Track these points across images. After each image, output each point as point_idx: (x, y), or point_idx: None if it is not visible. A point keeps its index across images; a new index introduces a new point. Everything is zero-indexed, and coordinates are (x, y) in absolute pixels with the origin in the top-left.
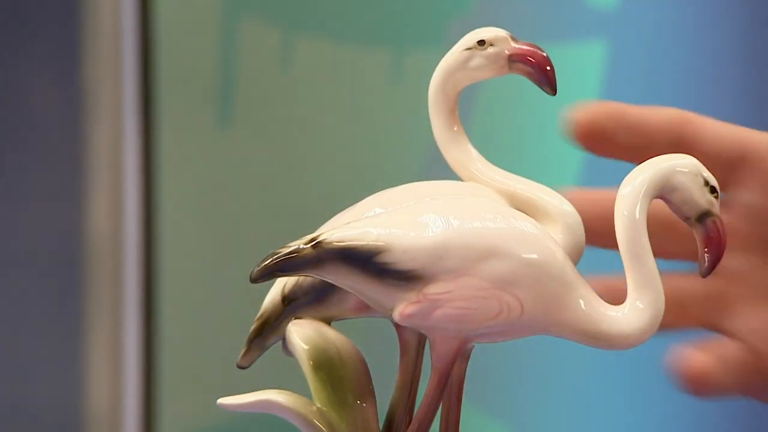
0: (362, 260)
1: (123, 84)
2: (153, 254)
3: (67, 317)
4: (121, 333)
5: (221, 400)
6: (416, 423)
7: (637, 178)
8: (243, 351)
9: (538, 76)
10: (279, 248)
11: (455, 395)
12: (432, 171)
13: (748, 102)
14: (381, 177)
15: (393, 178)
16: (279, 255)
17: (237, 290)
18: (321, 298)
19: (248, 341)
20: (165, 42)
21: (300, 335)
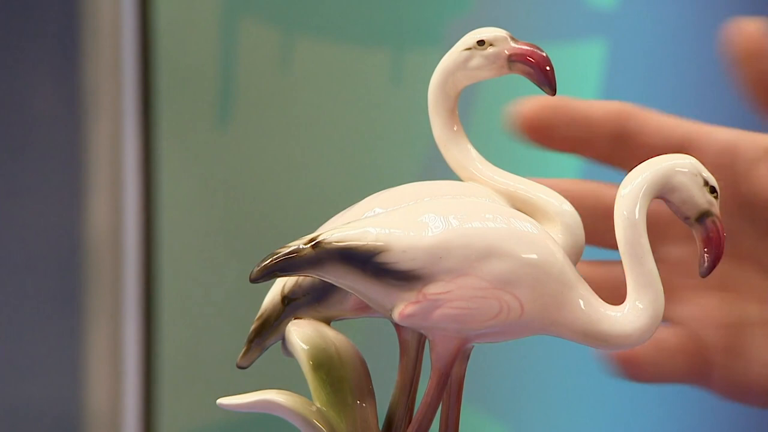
0: (362, 260)
1: (123, 84)
2: (153, 254)
3: (67, 317)
4: (121, 333)
5: (221, 400)
6: (416, 423)
7: (637, 179)
8: (243, 351)
9: (538, 76)
10: (279, 248)
11: (455, 395)
12: (432, 171)
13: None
14: (381, 177)
15: (393, 178)
16: (279, 255)
17: (237, 290)
18: (321, 298)
19: (248, 341)
20: (165, 42)
21: (299, 335)
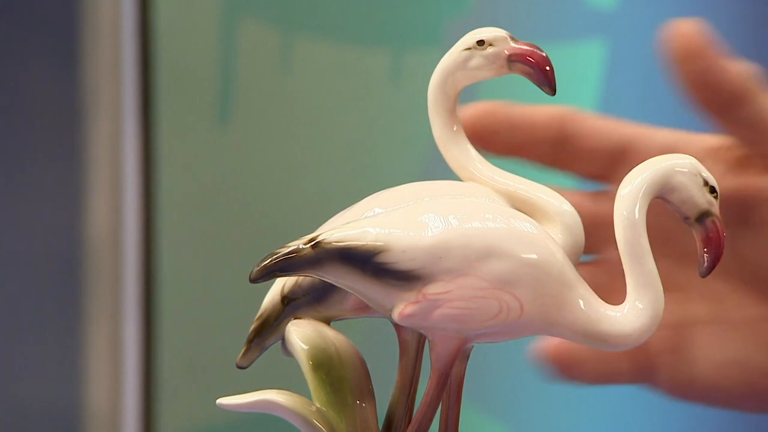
0: (361, 260)
1: (122, 83)
2: (152, 254)
3: (67, 317)
4: (121, 333)
5: (221, 400)
6: (415, 423)
7: (636, 179)
8: (242, 351)
9: (538, 76)
10: (278, 248)
11: (455, 395)
12: (431, 171)
13: None
14: (380, 177)
15: (392, 178)
16: (278, 255)
17: (236, 290)
18: (320, 298)
19: (247, 341)
20: (165, 41)
21: (299, 335)
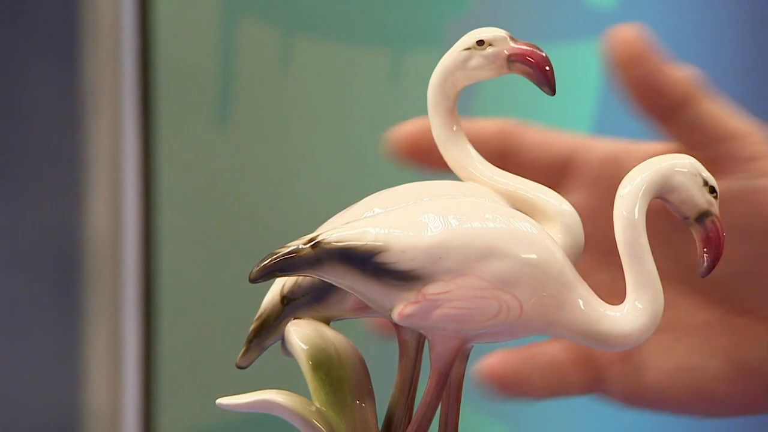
0: (361, 260)
1: (122, 83)
2: (152, 254)
3: (66, 317)
4: (120, 333)
5: (220, 400)
6: (415, 423)
7: (636, 179)
8: (242, 351)
9: (537, 76)
10: (278, 248)
11: (454, 395)
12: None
13: (747, 102)
14: (380, 177)
15: (392, 178)
16: (278, 255)
17: (236, 290)
18: (320, 298)
19: (247, 341)
20: (165, 41)
21: (299, 335)
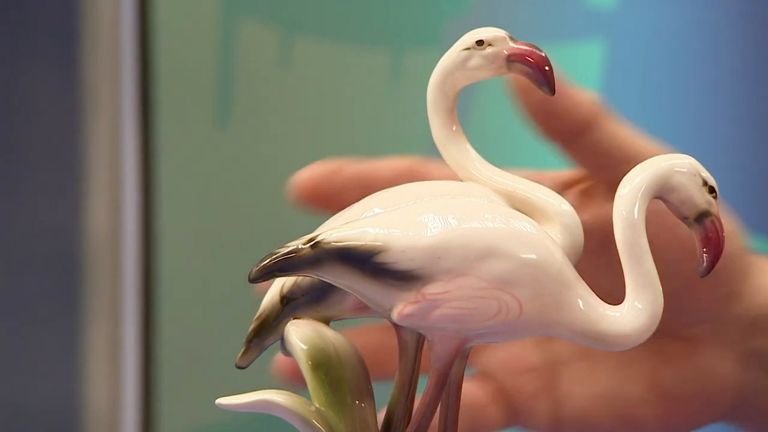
0: (360, 260)
1: (122, 83)
2: (152, 253)
3: (66, 316)
4: (120, 332)
5: (220, 400)
6: (415, 423)
7: (636, 179)
8: (242, 351)
9: (537, 76)
10: (278, 248)
11: (454, 395)
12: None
13: (747, 103)
14: None
15: None
16: (277, 255)
17: (236, 290)
18: (320, 298)
19: (247, 341)
20: (164, 41)
21: (298, 335)
